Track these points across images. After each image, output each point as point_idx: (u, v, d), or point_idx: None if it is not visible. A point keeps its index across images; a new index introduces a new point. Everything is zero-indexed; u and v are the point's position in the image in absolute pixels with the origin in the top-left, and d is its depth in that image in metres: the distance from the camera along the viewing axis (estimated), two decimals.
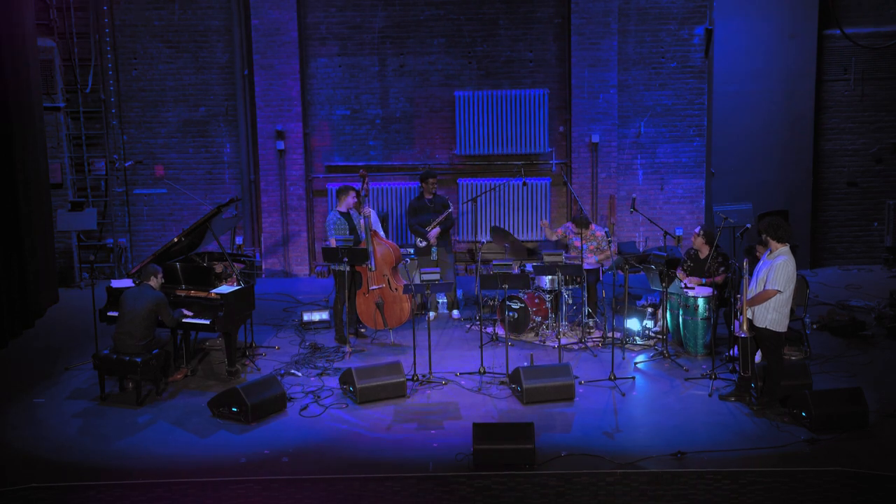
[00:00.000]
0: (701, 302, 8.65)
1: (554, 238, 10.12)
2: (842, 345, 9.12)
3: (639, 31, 12.31)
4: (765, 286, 7.17)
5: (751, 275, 7.42)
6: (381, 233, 10.17)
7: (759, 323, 7.26)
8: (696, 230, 9.14)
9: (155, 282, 7.89)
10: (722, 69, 12.01)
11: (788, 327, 7.41)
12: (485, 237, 11.74)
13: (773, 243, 7.26)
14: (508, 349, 8.49)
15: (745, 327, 7.28)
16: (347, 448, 6.91)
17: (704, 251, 9.05)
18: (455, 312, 10.44)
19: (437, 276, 8.85)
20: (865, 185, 12.54)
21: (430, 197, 10.24)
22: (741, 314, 7.35)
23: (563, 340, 9.15)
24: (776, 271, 7.12)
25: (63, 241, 12.22)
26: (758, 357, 7.66)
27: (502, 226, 12.02)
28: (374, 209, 10.48)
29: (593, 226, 9.95)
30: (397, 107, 12.52)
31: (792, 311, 7.42)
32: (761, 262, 7.41)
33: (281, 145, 12.37)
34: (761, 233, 7.40)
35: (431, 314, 10.18)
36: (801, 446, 6.74)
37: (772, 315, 7.20)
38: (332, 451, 6.86)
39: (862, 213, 12.60)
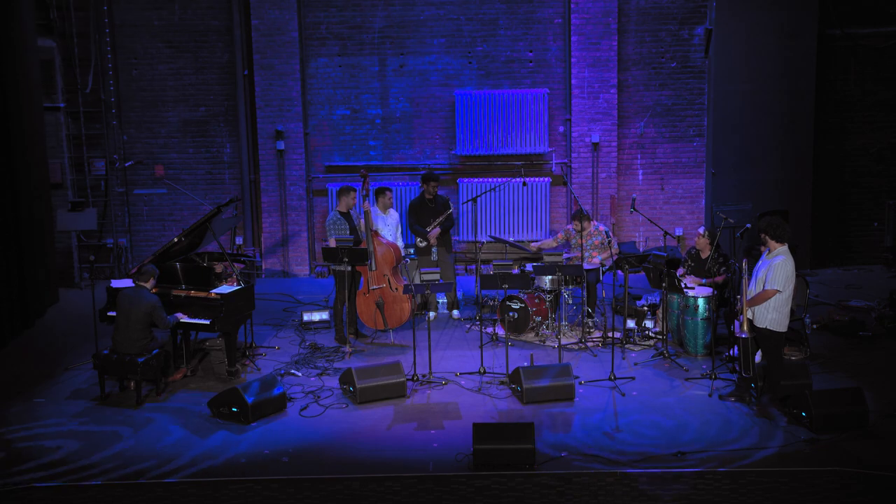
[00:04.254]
0: (701, 302, 8.64)
1: (555, 245, 10.10)
2: (842, 345, 9.12)
3: (639, 31, 12.31)
4: (764, 286, 7.17)
5: (750, 275, 7.42)
6: (400, 236, 10.14)
7: (759, 323, 7.26)
8: (700, 230, 9.14)
9: (151, 283, 7.87)
10: (722, 69, 12.01)
11: (788, 327, 7.41)
12: (485, 237, 11.74)
13: (771, 243, 7.26)
14: (508, 349, 8.49)
15: (745, 328, 7.28)
16: (347, 448, 6.91)
17: (707, 251, 9.06)
18: (455, 312, 10.44)
19: (437, 276, 8.86)
20: (865, 185, 12.54)
21: (431, 197, 10.23)
22: (741, 315, 7.35)
23: (563, 340, 9.15)
24: (775, 271, 7.12)
25: (63, 241, 12.21)
26: (758, 357, 7.66)
27: (503, 225, 12.04)
28: (397, 211, 10.47)
29: (594, 222, 9.94)
30: (397, 107, 12.52)
31: (792, 311, 7.42)
32: (760, 261, 7.41)
33: (281, 145, 12.37)
34: (760, 232, 7.40)
35: (431, 314, 10.18)
36: (801, 446, 6.74)
37: (772, 315, 7.20)
38: (332, 451, 6.86)
39: (862, 213, 12.60)
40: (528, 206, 12.33)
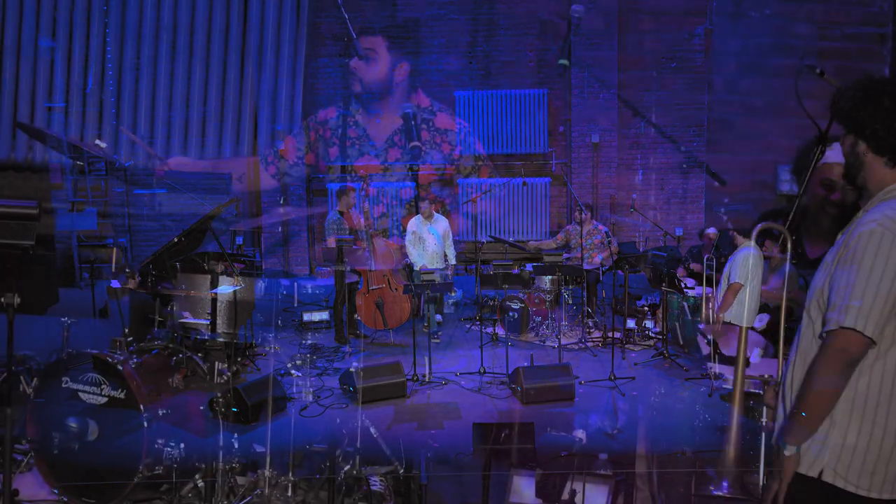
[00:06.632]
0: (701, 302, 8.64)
1: (555, 245, 10.10)
2: None
3: (639, 31, 12.30)
4: (728, 281, 7.22)
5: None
6: (451, 245, 9.87)
7: (725, 318, 7.29)
8: (712, 230, 9.14)
9: (136, 283, 7.86)
10: (722, 69, 12.00)
11: (788, 328, 7.39)
12: (485, 237, 11.73)
13: (737, 238, 7.31)
14: (508, 349, 8.49)
15: (705, 319, 7.33)
16: (347, 448, 6.90)
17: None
18: (437, 317, 10.34)
19: (436, 277, 8.86)
20: None
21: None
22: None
23: (563, 340, 9.15)
24: (737, 265, 7.17)
25: (63, 241, 12.21)
26: (754, 357, 7.65)
27: (503, 225, 11.99)
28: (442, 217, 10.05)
29: (594, 222, 9.94)
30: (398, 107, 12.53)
31: (791, 310, 7.40)
32: (730, 258, 7.44)
33: (281, 145, 12.36)
34: (729, 229, 7.43)
35: (439, 317, 10.15)
36: None
37: (735, 308, 7.22)
38: (332, 451, 6.85)
39: None
40: (528, 206, 12.33)
